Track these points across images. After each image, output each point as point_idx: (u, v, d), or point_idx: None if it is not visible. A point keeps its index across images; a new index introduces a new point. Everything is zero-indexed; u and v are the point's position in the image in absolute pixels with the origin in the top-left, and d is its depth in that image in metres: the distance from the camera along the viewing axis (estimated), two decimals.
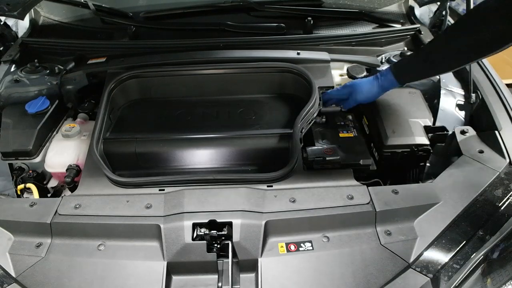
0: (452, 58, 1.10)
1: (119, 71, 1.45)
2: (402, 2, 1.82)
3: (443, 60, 1.12)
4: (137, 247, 0.99)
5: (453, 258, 0.94)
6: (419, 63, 1.18)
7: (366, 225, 1.02)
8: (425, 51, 1.18)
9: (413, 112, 1.29)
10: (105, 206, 1.05)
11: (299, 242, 0.98)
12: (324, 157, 1.14)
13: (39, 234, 1.02)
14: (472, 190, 1.06)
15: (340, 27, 1.72)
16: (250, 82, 1.47)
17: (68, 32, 1.77)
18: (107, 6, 1.74)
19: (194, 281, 0.96)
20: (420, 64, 1.18)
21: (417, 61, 1.19)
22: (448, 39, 1.10)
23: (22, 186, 1.26)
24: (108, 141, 1.28)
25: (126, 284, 0.93)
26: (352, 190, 1.07)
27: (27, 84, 1.44)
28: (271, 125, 1.33)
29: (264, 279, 0.93)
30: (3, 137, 1.29)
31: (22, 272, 0.96)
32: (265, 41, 1.57)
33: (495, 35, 0.97)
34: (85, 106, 1.46)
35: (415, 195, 1.06)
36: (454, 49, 1.08)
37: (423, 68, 1.18)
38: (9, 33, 1.74)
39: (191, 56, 1.49)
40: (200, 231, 0.97)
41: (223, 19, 1.69)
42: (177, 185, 1.10)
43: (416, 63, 1.19)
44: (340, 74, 1.52)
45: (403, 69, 1.21)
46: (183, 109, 1.42)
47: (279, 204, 1.03)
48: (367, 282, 0.91)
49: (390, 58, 1.47)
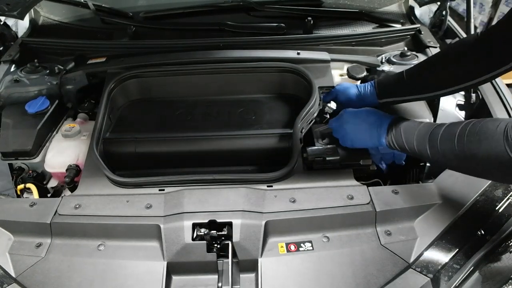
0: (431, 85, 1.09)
1: (119, 71, 1.45)
2: (402, 2, 1.82)
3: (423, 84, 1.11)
4: (137, 247, 0.99)
5: (453, 258, 0.94)
6: (401, 81, 1.15)
7: (366, 225, 1.02)
8: (408, 72, 1.15)
9: (413, 112, 1.29)
10: (105, 206, 1.05)
11: (299, 242, 0.99)
12: (324, 157, 1.13)
13: (39, 234, 1.02)
14: (472, 190, 1.06)
15: (340, 27, 1.72)
16: (250, 82, 1.47)
17: (68, 32, 1.77)
18: (107, 6, 1.74)
19: (194, 281, 0.96)
20: (401, 82, 1.15)
21: (399, 79, 1.16)
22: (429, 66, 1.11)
23: (22, 186, 1.26)
24: (108, 141, 1.28)
25: (126, 284, 0.93)
26: (352, 190, 1.07)
27: (27, 84, 1.44)
28: (271, 125, 1.33)
29: (264, 279, 0.93)
30: (3, 137, 1.28)
31: (22, 272, 0.96)
32: (265, 41, 1.57)
33: (470, 68, 0.98)
34: (85, 106, 1.46)
35: (415, 195, 1.06)
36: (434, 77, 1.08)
37: (402, 87, 1.16)
38: (9, 33, 1.73)
39: (191, 56, 1.48)
40: (200, 231, 0.97)
41: (223, 19, 1.69)
42: (177, 185, 1.10)
43: (397, 81, 1.17)
44: (340, 74, 1.52)
45: (384, 82, 1.21)
46: (183, 109, 1.42)
47: (279, 204, 1.03)
48: (367, 282, 0.91)
49: (390, 58, 1.47)
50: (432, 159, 0.95)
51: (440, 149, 0.90)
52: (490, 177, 0.96)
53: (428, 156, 0.94)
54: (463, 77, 1.00)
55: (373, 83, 1.22)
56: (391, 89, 1.19)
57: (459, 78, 1.01)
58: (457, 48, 1.06)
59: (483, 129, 0.81)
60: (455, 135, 0.86)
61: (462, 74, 1.00)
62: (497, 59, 0.91)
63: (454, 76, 1.03)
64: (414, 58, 1.45)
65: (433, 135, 0.92)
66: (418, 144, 0.96)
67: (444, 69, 1.05)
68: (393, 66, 1.44)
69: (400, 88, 1.16)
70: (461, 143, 0.84)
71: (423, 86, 1.11)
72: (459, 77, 1.01)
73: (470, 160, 0.83)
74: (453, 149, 0.86)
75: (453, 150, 0.86)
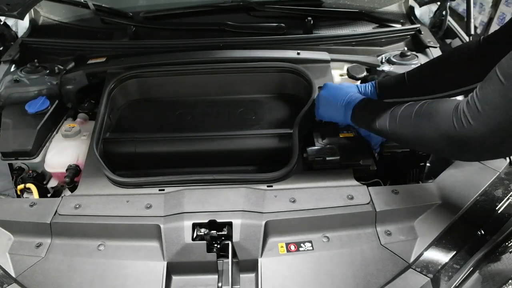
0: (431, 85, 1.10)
1: (119, 71, 1.45)
2: (402, 2, 1.82)
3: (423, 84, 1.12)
4: (137, 247, 0.99)
5: (453, 258, 0.94)
6: (402, 82, 1.16)
7: (366, 225, 1.02)
8: (409, 74, 1.16)
9: None
10: (105, 206, 1.05)
11: (299, 242, 0.98)
12: (324, 157, 1.13)
13: (39, 234, 1.02)
14: (472, 190, 1.06)
15: (340, 27, 1.72)
16: (250, 82, 1.47)
17: (68, 32, 1.77)
18: (107, 6, 1.74)
19: (194, 281, 0.96)
20: (402, 84, 1.16)
21: (400, 80, 1.17)
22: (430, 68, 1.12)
23: (22, 186, 1.26)
24: (108, 141, 1.28)
25: (126, 284, 0.93)
26: (352, 190, 1.07)
27: (27, 84, 1.44)
28: (271, 125, 1.33)
29: (264, 279, 0.92)
30: (3, 137, 1.28)
31: (22, 272, 0.96)
32: (265, 41, 1.57)
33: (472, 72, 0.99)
34: (85, 106, 1.46)
35: (415, 195, 1.06)
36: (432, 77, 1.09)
37: (403, 88, 1.16)
38: (9, 33, 1.73)
39: (191, 56, 1.48)
40: (200, 231, 0.97)
41: (223, 19, 1.69)
42: (177, 185, 1.10)
43: (398, 82, 1.18)
44: (340, 74, 1.52)
45: (385, 82, 1.21)
46: (183, 109, 1.42)
47: (279, 204, 1.03)
48: (367, 282, 0.91)
49: (390, 58, 1.47)
50: (391, 135, 0.98)
51: (398, 124, 0.93)
52: (440, 152, 1.01)
53: (387, 131, 0.97)
54: (465, 80, 1.01)
55: (374, 83, 1.22)
56: (392, 90, 1.19)
57: (460, 81, 1.02)
58: (460, 51, 1.06)
59: (436, 106, 0.85)
60: (412, 112, 0.89)
61: (464, 77, 1.01)
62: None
63: (456, 79, 1.03)
64: (414, 58, 1.45)
65: (394, 111, 0.96)
66: (379, 120, 0.99)
67: (446, 72, 1.06)
68: (393, 66, 1.44)
69: (401, 89, 1.16)
70: (416, 119, 0.88)
71: (424, 88, 1.11)
72: (461, 80, 1.02)
73: (422, 136, 0.87)
74: (409, 124, 0.90)
75: (409, 126, 0.90)
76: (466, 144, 0.79)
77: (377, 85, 1.21)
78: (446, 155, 1.08)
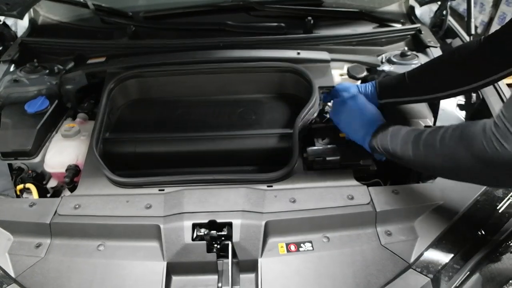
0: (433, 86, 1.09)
1: (118, 71, 1.45)
2: (402, 2, 1.82)
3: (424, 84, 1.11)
4: (136, 247, 0.99)
5: (453, 259, 0.94)
6: (402, 82, 1.15)
7: (367, 225, 1.02)
8: (410, 74, 1.15)
9: (413, 112, 1.29)
10: (105, 206, 1.05)
11: (299, 242, 0.98)
12: (324, 157, 1.13)
13: (39, 234, 1.02)
14: (472, 190, 1.06)
15: (340, 27, 1.71)
16: (250, 82, 1.47)
17: (68, 32, 1.77)
18: (107, 6, 1.74)
19: (194, 281, 0.95)
20: (403, 84, 1.15)
21: (400, 80, 1.16)
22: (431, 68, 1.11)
23: (21, 186, 1.26)
24: (108, 141, 1.28)
25: (125, 284, 0.93)
26: (352, 190, 1.07)
27: (26, 84, 1.43)
28: (271, 125, 1.33)
29: (264, 280, 0.92)
30: (2, 137, 1.28)
31: (22, 272, 0.95)
32: (265, 41, 1.57)
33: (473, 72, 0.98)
34: (85, 106, 1.45)
35: (415, 195, 1.06)
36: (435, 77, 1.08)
37: (404, 88, 1.16)
38: (8, 33, 1.73)
39: (191, 56, 1.48)
40: (200, 231, 0.97)
41: (223, 19, 1.68)
42: (177, 185, 1.09)
43: (398, 82, 1.17)
44: (340, 74, 1.51)
45: (385, 82, 1.21)
46: (183, 109, 1.42)
47: (279, 204, 1.03)
48: (368, 283, 0.91)
49: (391, 58, 1.47)
50: (414, 162, 0.93)
51: (422, 150, 0.88)
52: (478, 179, 0.89)
53: (410, 158, 0.92)
54: (465, 80, 1.00)
55: (374, 83, 1.22)
56: (392, 90, 1.19)
57: (461, 81, 1.01)
58: (461, 51, 1.06)
59: (463, 130, 0.79)
60: (438, 137, 0.84)
61: (465, 77, 1.00)
62: (501, 62, 0.91)
63: (456, 79, 1.03)
64: (414, 58, 1.44)
65: (417, 138, 0.91)
66: (401, 146, 0.95)
67: (446, 72, 1.06)
68: (393, 66, 1.43)
69: (402, 89, 1.16)
70: (442, 144, 0.83)
71: (424, 88, 1.11)
72: (462, 80, 1.01)
73: (456, 164, 0.81)
74: (436, 150, 0.84)
75: (436, 151, 0.85)
76: (503, 168, 0.73)
77: (377, 85, 1.21)
78: (485, 183, 0.97)
